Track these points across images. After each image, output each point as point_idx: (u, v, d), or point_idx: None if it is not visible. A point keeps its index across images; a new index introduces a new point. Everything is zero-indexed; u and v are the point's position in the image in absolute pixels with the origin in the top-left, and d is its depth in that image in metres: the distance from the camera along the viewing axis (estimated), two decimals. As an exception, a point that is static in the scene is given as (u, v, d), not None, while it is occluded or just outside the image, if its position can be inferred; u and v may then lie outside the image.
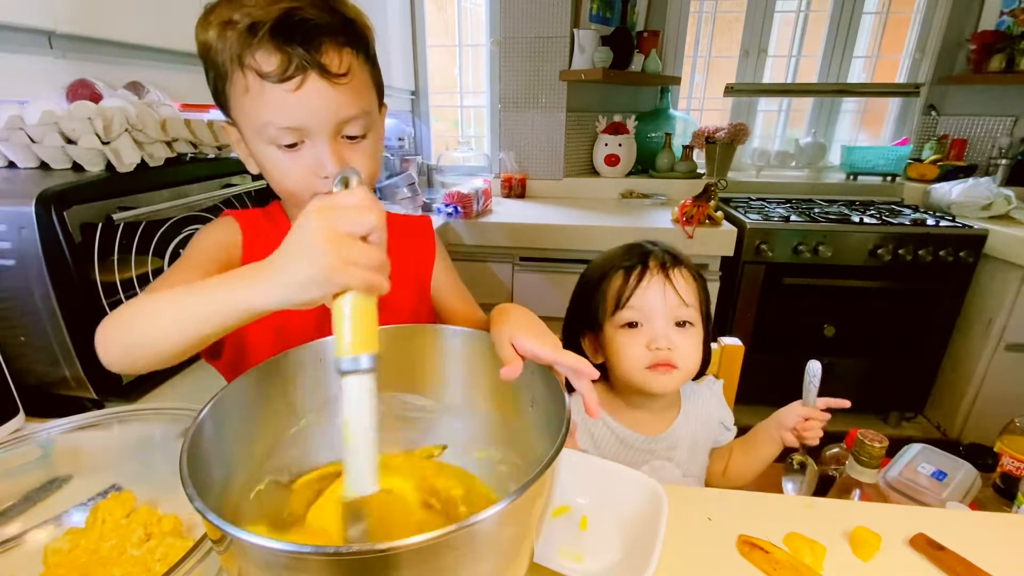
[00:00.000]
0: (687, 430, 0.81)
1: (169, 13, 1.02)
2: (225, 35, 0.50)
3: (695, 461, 0.82)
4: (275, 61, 0.49)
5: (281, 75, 0.49)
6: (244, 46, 0.49)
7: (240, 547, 0.31)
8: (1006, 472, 0.92)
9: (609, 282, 0.77)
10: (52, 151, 0.79)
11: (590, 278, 0.81)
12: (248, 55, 0.49)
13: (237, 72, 0.50)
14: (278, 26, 0.48)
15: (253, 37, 0.49)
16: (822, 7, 2.31)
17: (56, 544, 0.51)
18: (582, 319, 0.82)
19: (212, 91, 0.55)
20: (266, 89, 0.50)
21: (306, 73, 0.50)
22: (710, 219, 1.80)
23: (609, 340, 0.77)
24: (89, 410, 0.61)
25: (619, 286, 0.76)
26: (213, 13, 0.51)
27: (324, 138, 0.53)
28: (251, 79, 0.50)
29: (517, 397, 0.50)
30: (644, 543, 0.50)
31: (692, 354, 0.75)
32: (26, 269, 0.69)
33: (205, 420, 0.40)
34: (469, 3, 2.38)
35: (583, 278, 0.83)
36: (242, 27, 0.49)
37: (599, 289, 0.78)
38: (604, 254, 0.82)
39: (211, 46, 0.51)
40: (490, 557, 0.35)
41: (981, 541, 0.56)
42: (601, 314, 0.78)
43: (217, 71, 0.52)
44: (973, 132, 2.29)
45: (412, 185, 1.93)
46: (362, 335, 0.37)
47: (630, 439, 0.79)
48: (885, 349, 1.94)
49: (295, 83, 0.50)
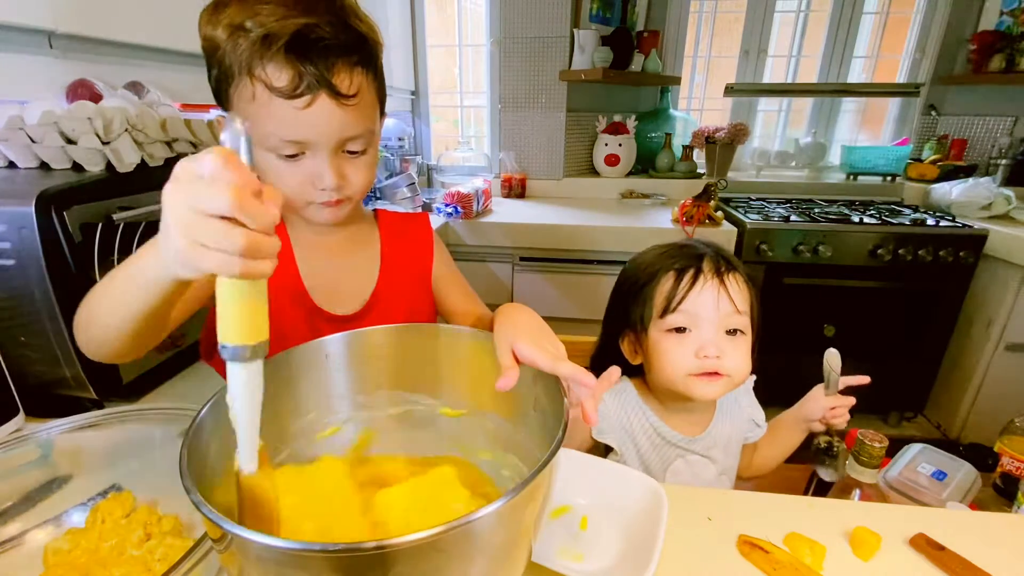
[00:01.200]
0: (722, 430, 0.80)
1: (169, 13, 1.02)
2: (235, 40, 0.49)
3: (729, 459, 0.82)
4: (286, 77, 0.49)
5: (291, 92, 0.49)
6: (255, 56, 0.49)
7: (240, 545, 0.31)
8: (1006, 472, 0.92)
9: (658, 283, 0.73)
10: (52, 151, 0.79)
11: (635, 277, 0.76)
12: (259, 66, 0.49)
13: (245, 79, 0.50)
14: (293, 42, 0.48)
15: (266, 49, 0.48)
16: (822, 7, 2.31)
17: (56, 544, 0.51)
18: (622, 318, 0.78)
19: (214, 87, 0.55)
20: (274, 102, 0.50)
21: (316, 93, 0.50)
22: (710, 219, 1.81)
23: (653, 344, 0.73)
24: (89, 410, 0.61)
25: (669, 289, 0.71)
26: (224, 12, 0.50)
27: (325, 153, 0.54)
28: (259, 89, 0.50)
29: (520, 401, 0.50)
30: (644, 543, 0.50)
31: (741, 363, 0.72)
32: (26, 269, 0.69)
33: (205, 419, 0.40)
34: (469, 3, 2.38)
35: (626, 276, 0.79)
36: (255, 36, 0.48)
37: (646, 290, 0.74)
38: (651, 251, 0.78)
39: (219, 46, 0.51)
40: (487, 555, 0.35)
41: (981, 541, 0.56)
42: (647, 316, 0.73)
43: (222, 72, 0.52)
44: (973, 132, 2.28)
45: (412, 185, 1.93)
46: (240, 324, 0.34)
47: (669, 435, 0.77)
48: (885, 349, 1.94)
49: (305, 101, 0.50)
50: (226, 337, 0.34)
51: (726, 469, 0.82)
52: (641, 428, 0.78)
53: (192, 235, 0.31)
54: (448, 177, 2.34)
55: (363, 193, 0.62)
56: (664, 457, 0.78)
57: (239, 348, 0.34)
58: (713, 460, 0.79)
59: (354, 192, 0.60)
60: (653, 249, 0.78)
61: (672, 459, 0.78)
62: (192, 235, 0.31)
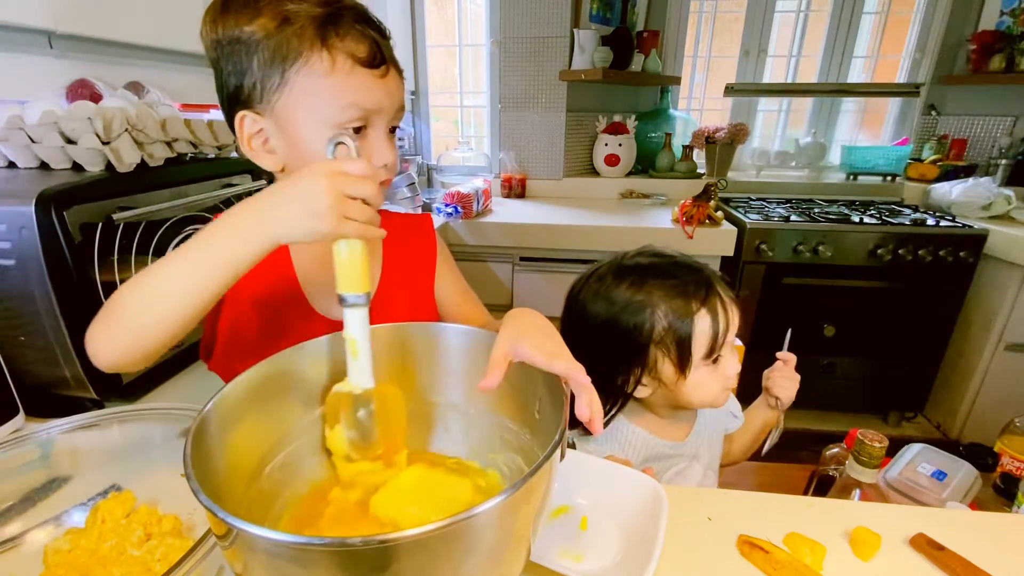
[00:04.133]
0: (706, 427, 0.83)
1: (169, 13, 1.02)
2: (288, 24, 0.51)
3: (713, 453, 0.84)
4: (364, 48, 0.53)
5: (372, 61, 0.53)
6: (328, 30, 0.51)
7: (246, 540, 0.31)
8: (1006, 472, 0.92)
9: (695, 327, 0.69)
10: (52, 151, 0.79)
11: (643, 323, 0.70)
12: (335, 39, 0.52)
13: (320, 53, 0.51)
14: (358, 17, 0.53)
15: (337, 24, 0.52)
16: (822, 7, 2.31)
17: (56, 544, 0.51)
18: (627, 362, 0.73)
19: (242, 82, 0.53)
20: (357, 71, 0.53)
21: (388, 64, 0.55)
22: (710, 219, 1.80)
23: (689, 379, 0.71)
24: (89, 410, 0.61)
25: (708, 329, 0.69)
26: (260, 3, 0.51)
27: (384, 126, 0.57)
28: (340, 60, 0.52)
29: (525, 402, 0.50)
30: (644, 543, 0.50)
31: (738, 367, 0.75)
32: (26, 269, 0.69)
33: (208, 416, 0.40)
34: (469, 3, 2.38)
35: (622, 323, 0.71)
36: (318, 13, 0.51)
37: (685, 341, 0.69)
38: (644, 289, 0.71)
39: (262, 35, 0.51)
40: (487, 551, 0.35)
41: (981, 541, 0.56)
42: (687, 362, 0.70)
43: (276, 55, 0.51)
44: (973, 132, 2.29)
45: (412, 185, 1.93)
46: (359, 277, 0.45)
47: (661, 448, 0.79)
48: (885, 349, 1.94)
49: (383, 70, 0.54)
50: (348, 288, 0.45)
51: (710, 462, 0.84)
52: (635, 451, 0.78)
53: (342, 211, 0.43)
54: (448, 177, 2.34)
55: (393, 171, 0.63)
56: (660, 469, 0.79)
57: (360, 296, 0.45)
58: (699, 459, 0.81)
59: (393, 174, 0.62)
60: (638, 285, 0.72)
61: (667, 470, 0.79)
62: (342, 211, 0.43)
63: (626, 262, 0.76)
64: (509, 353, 0.47)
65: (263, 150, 0.57)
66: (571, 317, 0.80)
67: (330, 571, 0.31)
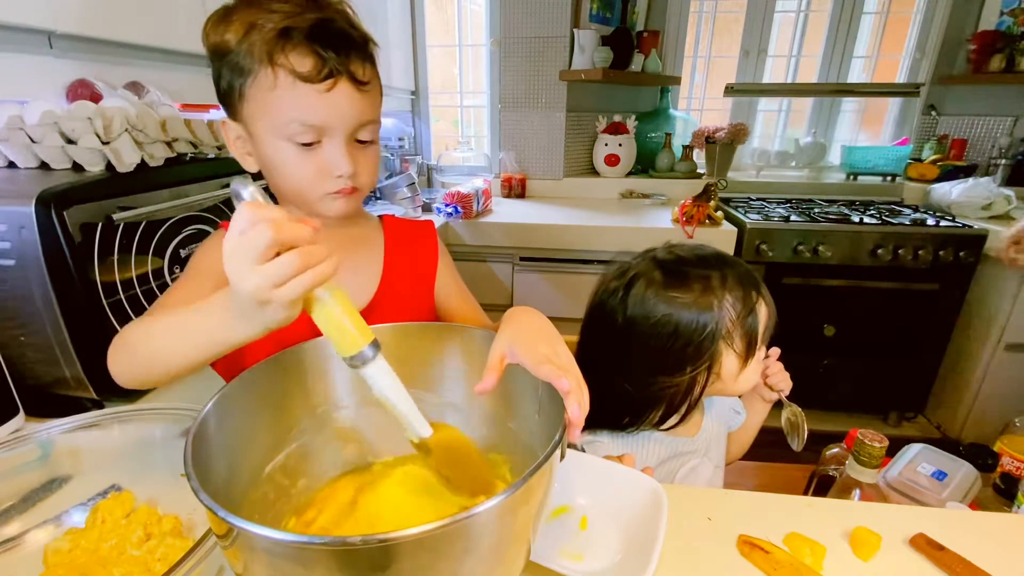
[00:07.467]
0: (713, 424, 0.84)
1: (169, 13, 1.02)
2: (250, 36, 0.52)
3: (720, 451, 0.85)
4: (309, 63, 0.52)
5: (315, 76, 0.53)
6: (276, 46, 0.52)
7: (247, 540, 0.31)
8: (1006, 472, 0.92)
9: (759, 315, 0.70)
10: (52, 151, 0.79)
11: (705, 328, 0.68)
12: (280, 55, 0.52)
13: (266, 69, 0.52)
14: (313, 32, 0.52)
15: (287, 39, 0.52)
16: (822, 7, 2.31)
17: (56, 544, 0.51)
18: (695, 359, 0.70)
19: (224, 89, 0.56)
20: (298, 87, 0.53)
21: (338, 77, 0.54)
22: (710, 219, 1.81)
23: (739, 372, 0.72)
24: (89, 410, 0.61)
25: (767, 317, 0.71)
26: (234, 15, 0.53)
27: (341, 139, 0.56)
28: (282, 76, 0.52)
29: (525, 403, 0.50)
30: (644, 543, 0.50)
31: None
32: (26, 269, 0.69)
33: (208, 416, 0.40)
34: (469, 3, 2.38)
35: (693, 324, 0.68)
36: (274, 27, 0.51)
37: (753, 325, 0.70)
38: (707, 286, 0.69)
39: (230, 48, 0.53)
40: (486, 551, 0.35)
41: (981, 541, 0.56)
42: (752, 349, 0.71)
43: (235, 72, 0.54)
44: (973, 132, 2.29)
45: (412, 185, 1.93)
46: (352, 332, 0.39)
47: (677, 445, 0.79)
48: (885, 349, 1.94)
49: (327, 85, 0.53)
50: (348, 350, 0.39)
51: (719, 462, 0.85)
52: (655, 456, 0.78)
53: (268, 288, 0.35)
54: (448, 177, 2.34)
55: (371, 185, 0.64)
56: (670, 469, 0.79)
57: (364, 351, 0.39)
58: (710, 455, 0.82)
59: (364, 183, 0.61)
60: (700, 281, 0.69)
61: (679, 468, 0.79)
62: (268, 288, 0.35)
63: (667, 259, 0.73)
64: (505, 356, 0.47)
65: (244, 153, 0.60)
66: (602, 325, 0.75)
67: (330, 570, 0.31)
